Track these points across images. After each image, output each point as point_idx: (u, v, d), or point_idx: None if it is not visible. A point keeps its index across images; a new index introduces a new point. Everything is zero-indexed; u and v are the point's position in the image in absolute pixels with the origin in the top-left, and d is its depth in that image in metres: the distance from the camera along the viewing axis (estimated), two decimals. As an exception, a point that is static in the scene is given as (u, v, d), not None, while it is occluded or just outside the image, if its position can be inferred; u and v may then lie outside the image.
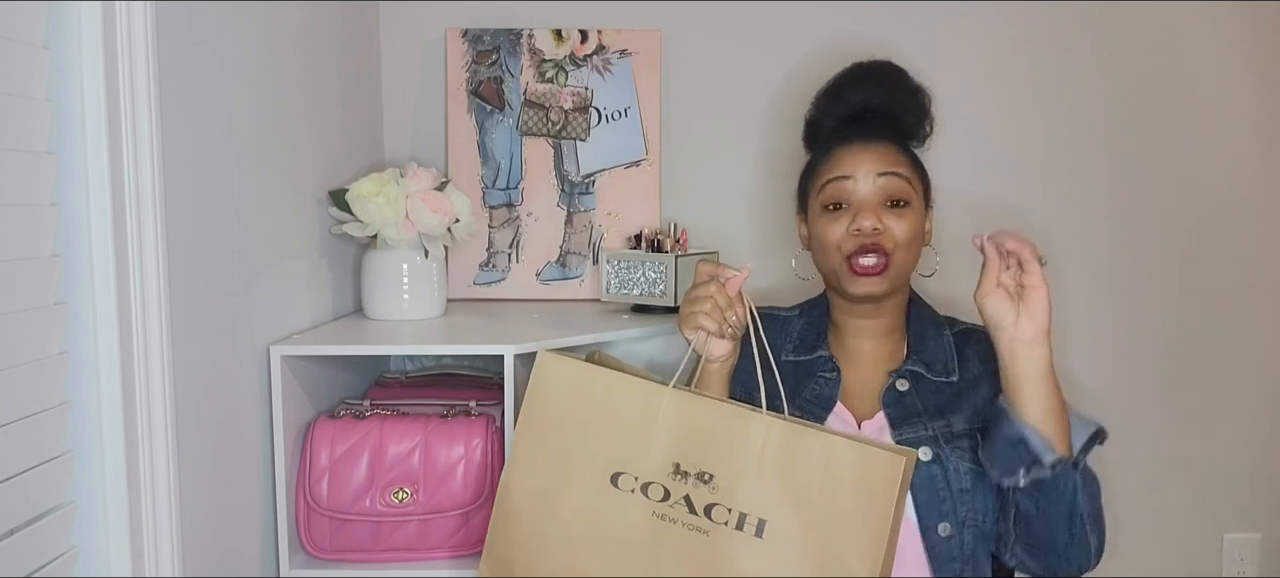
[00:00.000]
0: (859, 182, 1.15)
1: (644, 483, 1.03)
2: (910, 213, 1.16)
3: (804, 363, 1.23)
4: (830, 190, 1.17)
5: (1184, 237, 1.79)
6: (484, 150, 1.75)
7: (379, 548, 1.31)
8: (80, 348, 0.93)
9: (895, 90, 1.22)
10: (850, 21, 1.75)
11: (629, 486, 1.04)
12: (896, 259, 1.15)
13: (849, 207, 1.16)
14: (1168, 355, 1.80)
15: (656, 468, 1.03)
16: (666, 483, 1.02)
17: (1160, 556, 1.85)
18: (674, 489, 1.02)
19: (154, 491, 0.99)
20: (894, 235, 1.15)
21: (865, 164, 1.16)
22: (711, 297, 1.09)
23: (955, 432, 1.13)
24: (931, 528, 1.10)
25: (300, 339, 1.32)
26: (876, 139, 1.17)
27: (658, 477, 1.03)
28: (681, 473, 1.02)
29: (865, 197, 1.15)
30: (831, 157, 1.19)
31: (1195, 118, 1.77)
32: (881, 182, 1.15)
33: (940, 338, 1.20)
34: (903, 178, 1.15)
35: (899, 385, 1.16)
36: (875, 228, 1.14)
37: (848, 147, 1.18)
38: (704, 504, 1.01)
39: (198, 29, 1.09)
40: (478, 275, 1.76)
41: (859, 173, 1.15)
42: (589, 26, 1.74)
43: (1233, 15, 1.74)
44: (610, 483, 1.04)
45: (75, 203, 0.91)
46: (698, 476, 1.01)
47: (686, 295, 1.13)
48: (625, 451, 1.05)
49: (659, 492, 1.02)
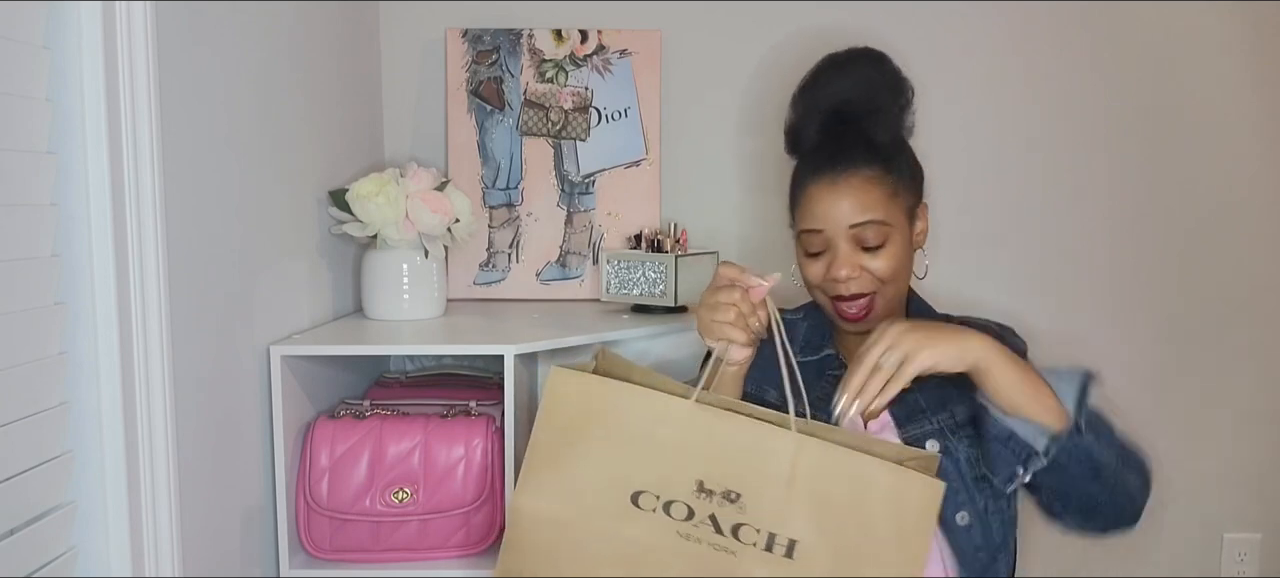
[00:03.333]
0: (831, 234, 1.13)
1: (666, 502, 0.98)
2: (890, 248, 1.13)
3: (811, 363, 1.23)
4: (805, 238, 1.16)
5: (1184, 236, 1.79)
6: (484, 150, 1.75)
7: (379, 548, 1.31)
8: (80, 348, 0.93)
9: (873, 82, 1.18)
10: (851, 21, 1.75)
11: (650, 505, 0.98)
12: (880, 296, 1.14)
13: (825, 252, 1.14)
14: (1167, 355, 1.80)
15: (679, 486, 0.98)
16: (690, 502, 0.97)
17: (1160, 556, 1.85)
18: (698, 508, 0.97)
19: (154, 491, 0.99)
20: (875, 274, 1.13)
21: (838, 210, 1.12)
22: (735, 305, 1.06)
23: (959, 421, 1.12)
24: (949, 519, 1.10)
25: (300, 339, 1.32)
26: (845, 168, 1.13)
27: (681, 495, 0.97)
28: (706, 492, 0.97)
29: (841, 249, 1.13)
30: (805, 195, 1.15)
31: (1195, 117, 1.77)
32: (854, 232, 1.12)
33: None
34: (877, 223, 1.12)
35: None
36: (851, 277, 1.12)
37: (818, 182, 1.13)
38: (731, 524, 0.96)
39: (197, 29, 1.09)
40: (478, 275, 1.76)
41: (830, 225, 1.12)
42: (589, 26, 1.74)
43: (1233, 15, 1.74)
44: (630, 503, 0.98)
45: (75, 203, 0.91)
46: (724, 494, 0.96)
47: (705, 299, 1.09)
48: (646, 468, 0.99)
49: (682, 511, 0.97)
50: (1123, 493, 1.04)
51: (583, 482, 1.00)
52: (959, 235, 1.76)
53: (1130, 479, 1.04)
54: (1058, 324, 1.73)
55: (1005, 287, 1.77)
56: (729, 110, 1.80)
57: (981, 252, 1.79)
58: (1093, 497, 1.04)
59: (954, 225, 1.74)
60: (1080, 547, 1.84)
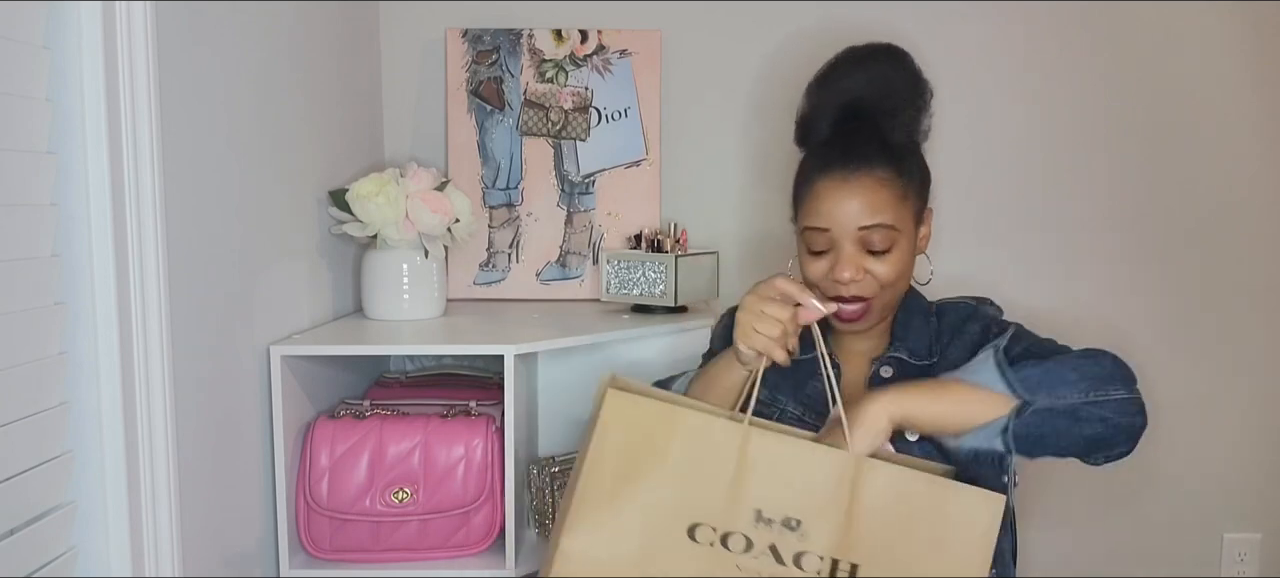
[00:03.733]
0: (838, 235, 1.10)
1: (723, 534, 0.93)
2: (895, 253, 1.11)
3: (806, 362, 1.23)
4: (809, 236, 1.13)
5: (1184, 236, 1.79)
6: (484, 150, 1.75)
7: (379, 548, 1.31)
8: (80, 348, 0.93)
9: (892, 81, 1.16)
10: (852, 21, 1.75)
11: (707, 538, 0.93)
12: (879, 300, 1.12)
13: (829, 251, 1.12)
14: (1167, 354, 1.80)
15: (737, 516, 0.93)
16: (749, 533, 0.93)
17: (1160, 556, 1.85)
18: (757, 539, 0.93)
19: (154, 491, 0.99)
20: (878, 279, 1.11)
21: (847, 210, 1.09)
22: (783, 322, 1.03)
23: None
24: None
25: (300, 339, 1.32)
26: (858, 167, 1.10)
27: (739, 526, 0.93)
28: (765, 520, 0.93)
29: (846, 250, 1.10)
30: (812, 191, 1.12)
31: (1196, 118, 1.77)
32: (862, 234, 1.10)
33: (927, 324, 1.20)
34: (886, 227, 1.10)
35: (883, 373, 1.15)
36: (854, 279, 1.10)
37: (827, 179, 1.11)
38: (793, 553, 0.92)
39: (198, 29, 1.09)
40: (478, 275, 1.76)
41: (837, 224, 1.10)
42: (589, 26, 1.74)
43: (1233, 15, 1.74)
44: (687, 537, 0.93)
45: (75, 203, 0.91)
46: (784, 522, 0.93)
47: (751, 305, 1.05)
48: (702, 499, 0.94)
49: (741, 543, 0.93)
50: (1112, 408, 1.00)
51: (638, 517, 0.94)
52: (960, 233, 1.76)
53: (1113, 392, 1.00)
54: (1058, 323, 1.73)
55: (1005, 285, 1.76)
56: (729, 110, 1.80)
57: (981, 250, 1.79)
58: (1084, 432, 1.00)
59: (955, 224, 1.74)
60: (1080, 547, 1.86)
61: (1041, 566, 1.83)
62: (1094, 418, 0.99)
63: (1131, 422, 1.01)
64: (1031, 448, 1.00)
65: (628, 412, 0.97)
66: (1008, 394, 0.99)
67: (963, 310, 1.17)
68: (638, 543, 0.93)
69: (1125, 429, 1.01)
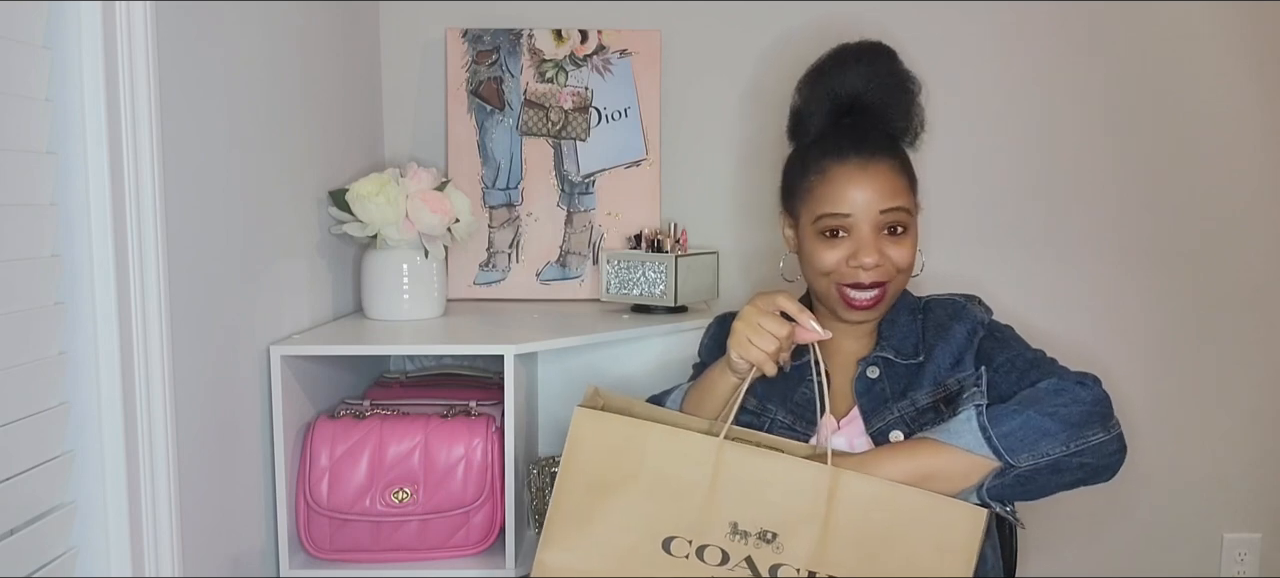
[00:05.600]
0: (859, 219, 1.11)
1: (700, 547, 0.95)
2: (909, 236, 1.14)
3: (794, 368, 1.22)
4: (825, 222, 1.13)
5: (1184, 236, 1.79)
6: (484, 150, 1.75)
7: (379, 548, 1.31)
8: (80, 348, 0.93)
9: (885, 77, 1.18)
10: (853, 21, 1.75)
11: (682, 551, 0.95)
12: (892, 285, 1.14)
13: (847, 236, 1.12)
14: (1167, 355, 1.80)
15: (712, 529, 0.94)
16: (725, 545, 0.94)
17: (1160, 556, 1.85)
18: (733, 551, 0.94)
19: (154, 491, 0.99)
20: (893, 264, 1.12)
21: (865, 196, 1.11)
22: (779, 339, 1.04)
23: (920, 406, 1.11)
24: None
25: (300, 339, 1.32)
26: (872, 154, 1.12)
27: (714, 539, 0.94)
28: (741, 533, 0.95)
29: (866, 234, 1.11)
30: (827, 178, 1.13)
31: (1196, 118, 1.77)
32: (882, 218, 1.11)
33: (913, 321, 1.20)
34: (903, 210, 1.12)
35: (869, 373, 1.15)
36: (877, 264, 1.11)
37: (843, 165, 1.12)
38: (769, 565, 0.93)
39: (198, 29, 1.09)
40: (478, 275, 1.76)
41: (858, 209, 1.11)
42: (589, 26, 1.74)
43: (1233, 15, 1.74)
44: (662, 550, 0.95)
45: (75, 203, 0.91)
46: (760, 535, 0.94)
47: (750, 316, 1.05)
48: (676, 512, 0.95)
49: (717, 555, 0.94)
50: (1091, 454, 1.01)
51: (612, 531, 0.96)
52: (959, 233, 1.76)
53: (1092, 436, 1.01)
54: (1057, 323, 1.73)
55: (1004, 286, 1.76)
56: (729, 110, 1.80)
57: (981, 250, 1.79)
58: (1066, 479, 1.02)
59: (954, 223, 1.74)
60: (1080, 547, 1.86)
61: (1041, 566, 1.83)
62: (1074, 466, 1.01)
63: (1110, 461, 1.03)
64: (1013, 498, 1.03)
65: (594, 429, 0.99)
66: (990, 458, 1.00)
67: (950, 307, 1.18)
68: (613, 556, 0.96)
69: (1105, 469, 1.04)
